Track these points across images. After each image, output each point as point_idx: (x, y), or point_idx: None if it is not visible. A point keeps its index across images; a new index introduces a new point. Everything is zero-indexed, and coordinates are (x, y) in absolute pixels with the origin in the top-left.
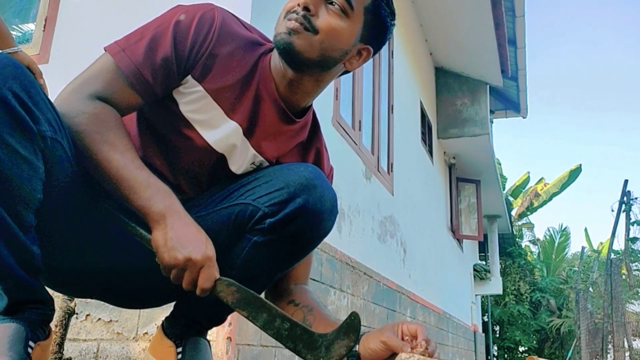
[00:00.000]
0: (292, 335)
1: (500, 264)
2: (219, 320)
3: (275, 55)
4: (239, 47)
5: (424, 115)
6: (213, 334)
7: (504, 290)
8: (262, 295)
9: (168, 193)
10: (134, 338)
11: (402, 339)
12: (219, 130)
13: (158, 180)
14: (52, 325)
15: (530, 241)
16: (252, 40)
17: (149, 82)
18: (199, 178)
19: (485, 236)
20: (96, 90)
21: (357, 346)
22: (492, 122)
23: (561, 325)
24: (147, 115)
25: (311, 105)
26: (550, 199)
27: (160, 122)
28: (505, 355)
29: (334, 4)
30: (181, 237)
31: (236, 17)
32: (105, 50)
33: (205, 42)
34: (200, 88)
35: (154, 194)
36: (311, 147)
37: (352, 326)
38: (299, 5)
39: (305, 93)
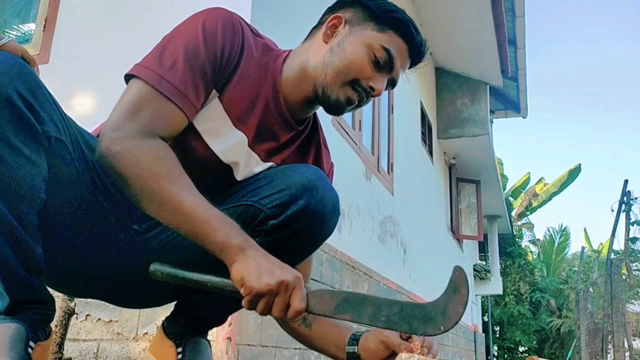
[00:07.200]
0: (404, 316)
1: (500, 264)
2: (220, 321)
3: (290, 68)
4: (255, 57)
5: (424, 116)
6: (213, 334)
7: (504, 290)
8: None
9: (239, 228)
10: (134, 338)
11: (401, 337)
12: (224, 139)
13: (227, 216)
14: (52, 325)
15: (530, 241)
16: (265, 47)
17: (194, 104)
18: (199, 183)
19: (485, 236)
20: (145, 124)
21: (357, 347)
22: (492, 122)
23: (561, 325)
24: None
25: None
26: (549, 198)
27: None
28: (505, 355)
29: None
30: (266, 265)
31: (245, 20)
32: (136, 77)
33: (233, 51)
34: (216, 97)
35: (230, 229)
36: (311, 145)
37: (459, 281)
38: (373, 91)
39: (315, 109)
